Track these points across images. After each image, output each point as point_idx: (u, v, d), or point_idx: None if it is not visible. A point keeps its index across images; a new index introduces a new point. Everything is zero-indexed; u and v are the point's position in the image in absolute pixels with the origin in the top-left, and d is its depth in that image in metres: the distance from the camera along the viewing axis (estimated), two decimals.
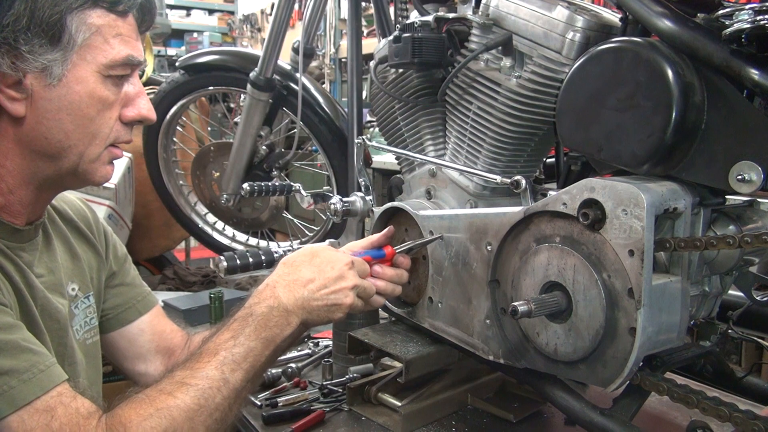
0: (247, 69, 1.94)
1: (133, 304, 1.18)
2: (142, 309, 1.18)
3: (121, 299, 1.17)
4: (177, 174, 2.39)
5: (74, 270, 1.05)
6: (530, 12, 1.09)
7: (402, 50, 1.22)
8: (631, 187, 0.85)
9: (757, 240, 0.81)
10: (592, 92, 0.97)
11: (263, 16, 6.28)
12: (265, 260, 1.46)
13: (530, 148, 1.20)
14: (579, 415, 1.01)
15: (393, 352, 1.25)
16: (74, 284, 1.03)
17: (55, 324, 0.94)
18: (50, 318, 0.93)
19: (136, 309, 1.18)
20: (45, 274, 0.96)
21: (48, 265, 0.98)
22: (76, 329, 1.01)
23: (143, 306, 1.19)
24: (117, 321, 1.16)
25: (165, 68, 5.18)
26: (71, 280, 1.03)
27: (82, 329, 1.04)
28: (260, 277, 2.32)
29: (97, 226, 1.15)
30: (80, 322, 1.03)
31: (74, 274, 1.04)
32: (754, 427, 0.82)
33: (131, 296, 1.18)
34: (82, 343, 1.03)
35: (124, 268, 1.19)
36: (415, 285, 1.28)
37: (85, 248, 1.09)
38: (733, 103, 0.86)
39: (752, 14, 0.82)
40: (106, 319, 1.15)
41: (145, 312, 1.19)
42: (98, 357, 1.10)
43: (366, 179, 1.46)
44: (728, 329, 1.08)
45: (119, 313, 1.16)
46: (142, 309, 1.19)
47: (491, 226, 1.07)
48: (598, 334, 0.90)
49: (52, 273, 0.98)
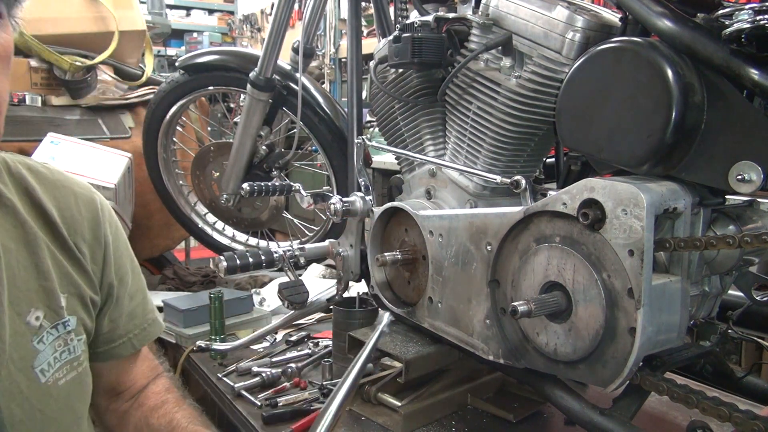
0: (247, 69, 1.94)
1: (128, 338, 0.96)
2: (137, 343, 0.98)
3: (115, 331, 0.94)
4: (177, 174, 2.39)
5: (38, 291, 0.80)
6: (530, 12, 1.09)
7: (402, 50, 1.22)
8: (631, 187, 0.85)
9: (757, 240, 0.81)
10: (592, 92, 0.97)
11: (263, 16, 6.28)
12: (265, 260, 1.46)
13: (530, 148, 1.20)
14: (579, 415, 1.01)
15: (393, 352, 1.25)
16: (38, 311, 0.79)
17: None
18: None
19: (130, 344, 0.97)
20: None
21: None
22: (40, 370, 0.79)
23: (140, 339, 0.98)
24: (106, 354, 0.94)
25: (165, 68, 5.19)
26: (33, 307, 0.79)
27: (52, 367, 0.81)
28: (260, 277, 2.32)
29: (95, 230, 0.90)
30: (48, 359, 0.80)
31: (38, 297, 0.80)
32: (754, 427, 0.82)
33: (130, 327, 0.96)
34: (49, 387, 0.80)
35: (122, 288, 0.95)
36: (415, 285, 1.28)
37: (64, 257, 0.85)
38: (733, 103, 0.86)
39: (752, 14, 0.82)
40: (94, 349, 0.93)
41: (140, 347, 0.99)
42: (81, 392, 0.87)
43: (366, 179, 1.46)
44: (728, 329, 1.08)
45: (109, 349, 0.94)
46: (138, 343, 0.98)
47: (491, 226, 1.07)
48: (598, 334, 0.90)
49: None
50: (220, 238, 2.42)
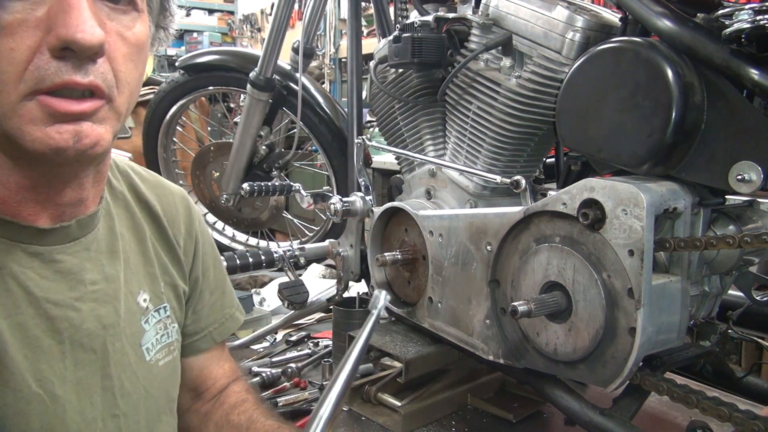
0: (247, 69, 1.94)
1: (209, 332, 0.97)
2: (217, 336, 0.98)
3: (197, 323, 0.96)
4: (177, 174, 2.39)
5: (145, 275, 0.85)
6: (530, 12, 1.09)
7: (402, 50, 1.22)
8: (631, 187, 0.85)
9: (757, 240, 0.81)
10: (592, 92, 0.97)
11: (263, 16, 6.27)
12: (265, 260, 1.46)
13: (530, 148, 1.20)
14: (579, 415, 1.01)
15: (393, 352, 1.25)
16: (145, 293, 0.84)
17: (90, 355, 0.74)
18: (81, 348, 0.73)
19: (210, 337, 0.97)
20: (99, 280, 0.76)
21: (106, 270, 0.78)
22: (146, 348, 0.83)
23: (219, 333, 0.98)
24: (188, 349, 0.95)
25: (165, 68, 5.17)
26: (142, 289, 0.83)
27: (154, 348, 0.85)
28: (260, 277, 2.32)
29: (189, 225, 0.94)
30: (151, 339, 0.84)
31: (145, 281, 0.85)
32: (754, 427, 0.82)
33: (210, 320, 0.97)
34: (152, 366, 0.84)
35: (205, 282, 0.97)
36: (415, 285, 1.28)
37: (162, 249, 0.89)
38: (733, 103, 0.86)
39: (752, 14, 0.82)
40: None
41: (219, 340, 0.99)
42: (174, 377, 0.90)
43: (366, 179, 1.46)
44: (728, 329, 1.08)
45: (191, 342, 0.95)
46: (217, 336, 0.98)
47: (491, 226, 1.07)
48: (598, 334, 0.90)
49: (108, 281, 0.78)
50: (220, 238, 2.42)
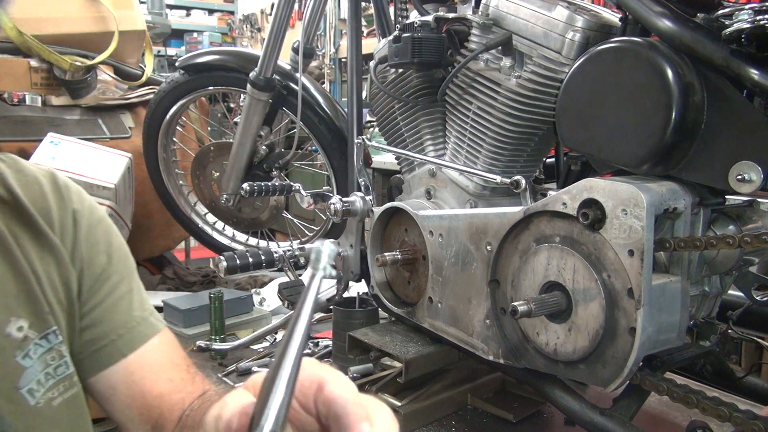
0: (247, 69, 1.94)
1: (111, 340, 0.76)
2: (124, 347, 0.76)
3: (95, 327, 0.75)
4: (177, 174, 2.39)
5: (18, 296, 0.68)
6: (530, 12, 1.09)
7: (402, 50, 1.22)
8: (631, 187, 0.85)
9: (757, 240, 0.81)
10: (592, 92, 0.97)
11: (263, 16, 6.27)
12: (265, 260, 1.46)
13: (530, 148, 1.20)
14: (579, 415, 1.01)
15: (393, 352, 1.25)
16: (20, 320, 0.67)
17: None
18: None
19: (115, 347, 0.76)
20: None
21: None
22: (28, 390, 0.66)
23: (128, 342, 0.77)
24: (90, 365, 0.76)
25: (165, 68, 5.18)
26: (13, 316, 0.67)
27: (43, 386, 0.68)
28: (260, 277, 2.32)
29: (60, 201, 0.74)
30: (36, 377, 0.67)
31: (18, 305, 0.67)
32: (753, 427, 0.82)
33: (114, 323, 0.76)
34: (40, 410, 0.68)
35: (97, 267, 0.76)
36: (415, 285, 1.28)
37: (44, 257, 0.71)
38: (733, 103, 0.86)
39: (752, 14, 0.82)
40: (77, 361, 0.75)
41: (128, 352, 0.76)
42: (79, 418, 0.73)
43: (366, 179, 1.46)
44: (728, 329, 1.08)
45: (93, 352, 0.75)
46: (125, 347, 0.76)
47: (491, 226, 1.07)
48: (598, 334, 0.90)
49: None
50: (220, 238, 2.42)
